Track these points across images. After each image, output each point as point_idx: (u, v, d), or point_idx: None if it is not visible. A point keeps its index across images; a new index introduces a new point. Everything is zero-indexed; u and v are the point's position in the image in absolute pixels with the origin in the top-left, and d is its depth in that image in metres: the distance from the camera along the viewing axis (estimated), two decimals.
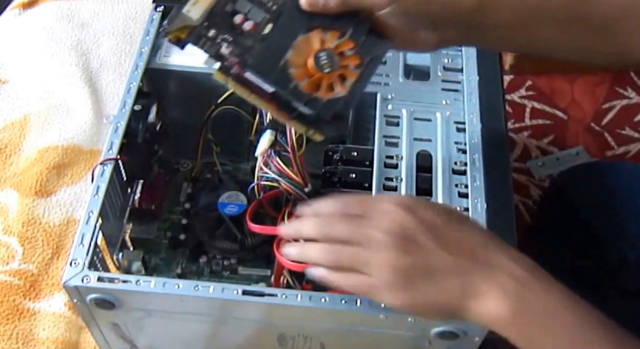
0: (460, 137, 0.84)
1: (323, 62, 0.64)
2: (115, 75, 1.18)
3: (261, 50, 0.64)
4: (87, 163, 1.07)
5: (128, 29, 1.24)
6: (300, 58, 0.64)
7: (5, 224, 1.00)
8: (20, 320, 0.91)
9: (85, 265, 0.69)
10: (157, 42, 0.89)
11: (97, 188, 0.74)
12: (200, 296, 0.68)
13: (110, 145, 0.78)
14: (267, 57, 0.64)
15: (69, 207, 1.02)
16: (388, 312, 0.67)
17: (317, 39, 0.65)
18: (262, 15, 0.66)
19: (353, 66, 0.66)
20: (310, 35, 0.65)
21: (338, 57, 0.65)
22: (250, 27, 0.66)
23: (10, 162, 1.07)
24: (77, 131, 1.10)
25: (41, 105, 1.13)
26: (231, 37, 0.65)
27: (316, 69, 0.64)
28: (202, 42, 0.65)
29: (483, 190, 0.78)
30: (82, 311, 0.72)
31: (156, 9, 0.92)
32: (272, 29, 0.65)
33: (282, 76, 0.64)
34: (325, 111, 0.64)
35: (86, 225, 0.72)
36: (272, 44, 0.65)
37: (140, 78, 0.84)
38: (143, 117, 0.82)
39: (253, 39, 0.65)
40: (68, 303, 0.92)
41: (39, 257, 0.96)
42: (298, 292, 0.68)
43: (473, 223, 0.67)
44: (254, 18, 0.66)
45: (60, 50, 1.20)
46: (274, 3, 0.66)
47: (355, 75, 0.65)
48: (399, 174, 0.81)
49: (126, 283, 0.68)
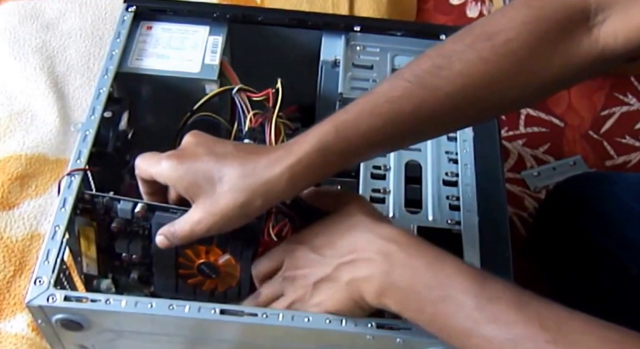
0: (451, 147, 0.85)
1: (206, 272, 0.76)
2: (84, 80, 1.18)
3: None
4: (52, 174, 1.06)
5: (97, 30, 1.24)
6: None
7: None
8: None
9: (50, 283, 0.69)
10: (128, 44, 0.90)
11: (64, 201, 0.74)
12: (175, 315, 0.68)
13: (78, 154, 0.78)
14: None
15: (33, 221, 1.02)
16: (375, 332, 0.68)
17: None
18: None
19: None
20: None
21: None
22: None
23: None
24: (42, 139, 1.09)
25: (2, 111, 1.13)
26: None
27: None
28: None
29: (475, 202, 0.79)
30: (47, 332, 0.72)
31: (127, 9, 0.93)
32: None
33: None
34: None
35: (52, 240, 0.72)
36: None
37: (111, 83, 0.85)
38: (113, 125, 0.82)
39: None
40: (32, 323, 0.91)
41: (0, 275, 0.96)
42: (279, 311, 0.69)
43: (350, 220, 0.71)
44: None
45: (24, 53, 1.19)
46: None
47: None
48: (386, 185, 0.82)
49: (95, 302, 0.68)
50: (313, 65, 0.95)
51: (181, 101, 0.86)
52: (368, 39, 0.95)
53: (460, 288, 0.62)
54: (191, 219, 0.69)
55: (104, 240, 0.76)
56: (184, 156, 0.70)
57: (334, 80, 0.92)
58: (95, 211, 0.74)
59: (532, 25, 0.69)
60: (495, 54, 0.68)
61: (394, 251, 0.66)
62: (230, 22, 0.94)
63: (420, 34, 0.94)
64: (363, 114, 0.68)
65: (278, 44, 0.99)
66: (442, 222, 0.81)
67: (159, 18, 0.94)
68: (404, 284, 0.64)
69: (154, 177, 0.71)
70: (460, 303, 0.62)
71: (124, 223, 0.74)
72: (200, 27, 0.93)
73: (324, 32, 0.95)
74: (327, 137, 0.67)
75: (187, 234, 0.69)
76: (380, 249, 0.66)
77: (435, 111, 0.69)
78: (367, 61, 0.93)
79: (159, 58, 0.89)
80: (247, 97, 0.84)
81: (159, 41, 0.92)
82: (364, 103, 0.69)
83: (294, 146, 0.68)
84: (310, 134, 0.68)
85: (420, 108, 0.68)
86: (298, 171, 0.66)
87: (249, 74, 0.89)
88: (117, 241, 0.76)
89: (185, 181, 0.69)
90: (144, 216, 0.73)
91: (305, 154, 0.67)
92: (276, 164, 0.67)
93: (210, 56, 0.90)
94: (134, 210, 0.73)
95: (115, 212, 0.74)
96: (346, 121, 0.68)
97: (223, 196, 0.67)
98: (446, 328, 0.63)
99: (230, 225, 0.69)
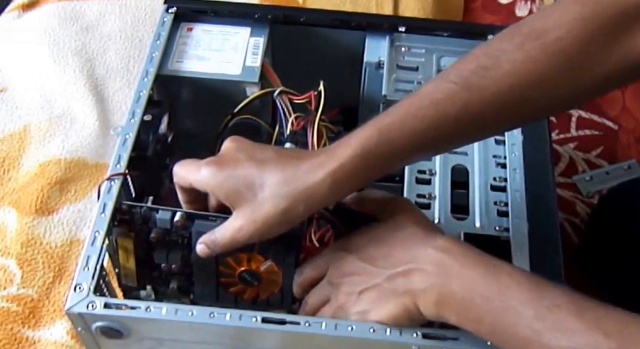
0: (500, 151, 0.83)
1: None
2: (123, 83, 1.19)
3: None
4: (92, 178, 1.07)
5: (137, 32, 1.25)
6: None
7: (2, 245, 1.00)
8: None
9: (90, 290, 0.69)
10: (168, 46, 0.90)
11: (104, 206, 0.74)
12: (216, 324, 0.67)
13: (118, 159, 0.78)
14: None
15: (73, 227, 1.02)
16: (421, 342, 0.67)
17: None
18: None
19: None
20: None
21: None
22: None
23: (8, 177, 1.07)
24: (82, 144, 1.10)
25: (42, 115, 1.14)
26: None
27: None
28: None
29: (525, 208, 0.78)
30: (87, 340, 0.72)
31: (168, 10, 0.93)
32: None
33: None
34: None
35: (92, 247, 0.72)
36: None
37: (151, 86, 0.85)
38: (154, 128, 0.82)
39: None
40: (71, 331, 0.92)
41: (40, 282, 0.96)
42: (323, 320, 0.68)
43: (402, 229, 0.71)
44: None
45: (64, 55, 1.20)
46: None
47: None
48: (432, 190, 0.81)
49: (135, 310, 0.68)
50: (356, 67, 0.94)
51: (222, 103, 0.85)
52: (413, 40, 0.94)
53: (518, 298, 0.61)
54: (233, 226, 0.68)
55: (143, 251, 0.76)
56: (224, 162, 0.69)
57: (377, 83, 0.91)
58: (134, 221, 0.74)
59: (584, 23, 0.67)
60: (545, 54, 0.66)
61: (449, 262, 0.65)
62: (272, 23, 0.94)
63: (467, 35, 0.93)
64: (407, 117, 0.67)
65: (320, 45, 0.98)
66: (490, 229, 0.79)
67: (200, 19, 0.94)
68: (462, 295, 0.63)
69: (194, 185, 0.70)
70: (519, 313, 0.61)
71: (163, 233, 0.74)
72: (241, 28, 0.93)
73: (367, 33, 0.95)
74: (370, 141, 0.66)
75: (228, 242, 0.69)
76: (434, 261, 0.66)
77: (481, 112, 0.67)
78: (412, 63, 0.92)
79: (200, 60, 0.89)
80: (288, 100, 0.83)
81: (199, 43, 0.91)
82: (407, 106, 0.68)
83: (336, 150, 0.67)
84: (353, 138, 0.67)
85: (466, 110, 0.67)
86: (341, 176, 0.66)
87: (291, 76, 0.88)
88: (156, 251, 0.76)
89: (226, 188, 0.68)
90: (184, 225, 0.73)
91: (348, 159, 0.66)
92: (318, 169, 0.66)
93: (252, 58, 0.89)
94: (173, 219, 0.73)
95: (154, 223, 0.74)
96: (390, 125, 0.67)
97: (265, 203, 0.66)
98: (507, 339, 0.62)
99: (273, 232, 0.68)
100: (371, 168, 0.67)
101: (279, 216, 0.66)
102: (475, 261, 0.65)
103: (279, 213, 0.66)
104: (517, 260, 0.75)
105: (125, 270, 0.78)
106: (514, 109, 0.69)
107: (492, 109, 0.67)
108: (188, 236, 0.73)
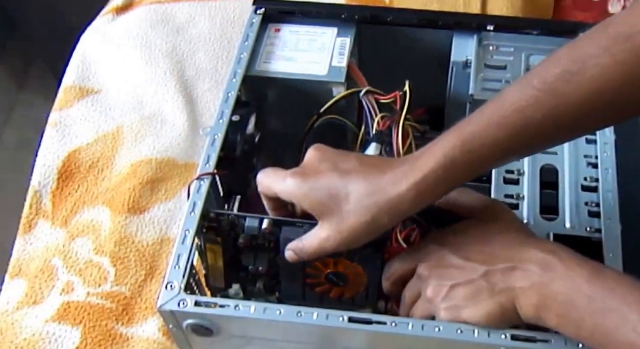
0: (591, 150, 0.82)
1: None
2: (212, 84, 1.20)
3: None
4: (182, 178, 1.08)
5: (226, 33, 1.26)
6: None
7: (97, 243, 1.02)
8: (113, 346, 0.92)
9: (181, 288, 0.70)
10: (256, 47, 0.91)
11: (194, 205, 0.75)
12: (303, 323, 0.68)
13: (207, 159, 0.79)
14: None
15: (163, 226, 1.03)
16: (510, 343, 0.66)
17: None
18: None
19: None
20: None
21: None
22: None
23: (102, 177, 1.09)
24: (172, 144, 1.11)
25: (134, 116, 1.16)
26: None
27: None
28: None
29: (617, 209, 0.76)
30: (178, 337, 0.73)
31: (256, 11, 0.94)
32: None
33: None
34: None
35: (182, 245, 0.73)
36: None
37: (239, 87, 0.86)
38: (242, 129, 0.83)
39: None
40: (162, 328, 0.93)
41: (132, 279, 0.98)
42: (410, 320, 0.67)
43: (499, 229, 0.71)
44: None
45: (155, 57, 1.22)
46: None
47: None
48: (520, 191, 0.80)
49: (224, 308, 0.69)
50: (443, 67, 0.93)
51: (308, 104, 0.86)
52: (502, 38, 0.93)
53: (623, 301, 0.60)
54: (319, 236, 0.69)
55: (230, 255, 0.77)
56: (307, 173, 0.70)
57: (465, 82, 0.90)
58: (221, 228, 0.75)
59: None
60: (636, 56, 0.64)
61: (554, 263, 0.64)
62: (358, 23, 0.94)
63: (557, 33, 0.91)
64: (490, 125, 0.67)
65: (407, 44, 0.97)
66: (580, 230, 0.78)
67: (287, 20, 0.95)
68: (564, 297, 0.63)
69: (278, 195, 0.71)
70: (624, 316, 0.60)
71: (250, 239, 0.75)
72: (328, 28, 0.93)
73: (455, 31, 0.94)
74: (453, 151, 0.66)
75: (315, 251, 0.70)
76: (539, 261, 0.65)
77: (567, 118, 0.66)
78: (500, 62, 0.91)
79: (287, 61, 0.90)
80: (374, 99, 0.83)
81: (286, 44, 0.92)
82: (490, 113, 0.67)
83: (419, 160, 0.67)
84: (436, 148, 0.67)
85: (551, 117, 0.66)
86: (424, 187, 0.66)
87: (377, 75, 0.88)
88: (244, 255, 0.77)
89: (310, 199, 0.69)
90: (271, 231, 0.74)
91: (431, 170, 0.66)
92: (402, 180, 0.66)
93: (338, 58, 0.90)
94: (261, 227, 0.74)
95: (241, 229, 0.75)
96: (472, 133, 0.67)
97: (350, 214, 0.67)
98: (608, 342, 0.61)
99: (359, 242, 0.69)
100: (454, 177, 0.67)
101: (364, 227, 0.67)
102: (580, 264, 0.64)
103: (364, 224, 0.67)
104: (609, 262, 0.73)
105: (214, 272, 0.79)
106: (600, 112, 0.67)
107: (579, 115, 0.66)
108: (275, 240, 0.74)
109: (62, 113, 1.17)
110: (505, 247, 0.68)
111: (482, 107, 0.69)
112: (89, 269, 0.99)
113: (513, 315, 0.65)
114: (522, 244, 0.68)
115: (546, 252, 0.65)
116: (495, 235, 0.70)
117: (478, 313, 0.66)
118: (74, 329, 0.94)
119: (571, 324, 0.63)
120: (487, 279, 0.66)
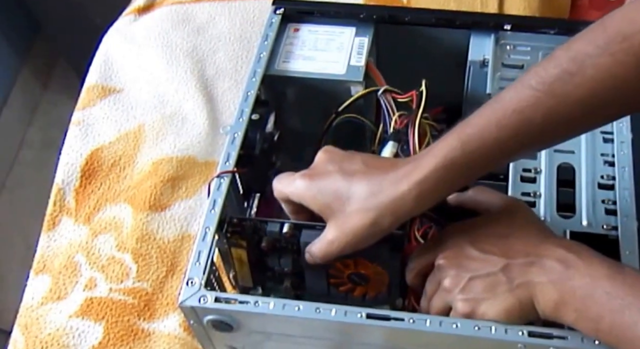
0: (607, 149, 0.82)
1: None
2: (232, 83, 1.21)
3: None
4: (202, 176, 1.09)
5: (245, 33, 1.27)
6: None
7: (119, 240, 1.03)
8: (135, 341, 0.94)
9: (202, 284, 0.71)
10: (275, 47, 0.91)
11: (214, 202, 0.76)
12: (321, 319, 0.68)
13: (227, 157, 0.80)
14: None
15: (184, 222, 1.04)
16: (527, 340, 0.66)
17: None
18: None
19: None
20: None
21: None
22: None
23: (124, 175, 1.10)
24: (192, 142, 1.12)
25: (156, 115, 1.17)
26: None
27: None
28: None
29: (634, 207, 0.76)
30: (199, 332, 0.74)
31: (276, 11, 0.94)
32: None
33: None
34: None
35: (202, 242, 0.73)
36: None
37: (258, 85, 0.86)
38: (261, 127, 0.84)
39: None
40: (183, 323, 0.94)
41: (153, 275, 0.99)
42: (427, 317, 0.68)
43: (518, 225, 0.71)
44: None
45: (175, 57, 1.23)
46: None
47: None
48: (537, 189, 0.80)
49: (244, 304, 0.69)
50: (460, 65, 0.94)
51: (326, 102, 0.86)
52: (519, 37, 0.93)
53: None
54: (325, 239, 0.70)
55: (255, 257, 0.78)
56: (315, 174, 0.71)
57: (481, 81, 0.90)
58: (245, 232, 0.76)
59: None
60: (634, 56, 0.64)
61: (574, 259, 0.65)
62: (376, 23, 0.94)
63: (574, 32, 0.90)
64: (489, 126, 0.67)
65: (424, 43, 0.98)
66: (597, 228, 0.78)
67: (306, 20, 0.95)
68: (583, 293, 0.63)
69: (290, 197, 0.72)
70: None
71: (273, 241, 0.75)
72: (346, 28, 0.94)
73: (472, 31, 0.94)
74: (453, 153, 0.66)
75: (323, 254, 0.70)
76: (559, 257, 0.65)
77: (567, 118, 0.66)
78: (517, 61, 0.91)
79: (305, 60, 0.90)
80: (392, 98, 0.84)
81: (305, 43, 0.92)
82: (489, 115, 0.67)
83: (420, 160, 0.67)
84: (437, 149, 0.67)
85: (550, 117, 0.66)
86: (425, 188, 0.66)
87: (395, 74, 0.88)
88: (268, 257, 0.78)
89: (318, 200, 0.70)
90: (292, 234, 0.74)
91: (432, 170, 0.66)
92: (403, 180, 0.66)
93: (356, 57, 0.90)
94: (282, 231, 0.74)
95: (263, 232, 0.75)
96: (472, 135, 0.67)
97: (352, 215, 0.67)
98: (625, 338, 0.61)
99: (364, 243, 0.69)
100: (455, 178, 0.67)
101: (366, 228, 0.67)
102: (599, 261, 0.64)
103: (367, 225, 0.67)
104: (625, 259, 0.73)
105: (241, 273, 0.80)
106: (600, 111, 0.67)
107: (578, 114, 0.66)
108: (296, 242, 0.75)
109: (85, 112, 1.18)
110: (524, 243, 0.68)
111: (482, 107, 0.69)
112: (111, 265, 1.00)
113: (530, 310, 0.66)
114: (541, 240, 0.68)
115: (565, 249, 0.66)
116: (514, 230, 0.70)
117: (496, 307, 0.66)
118: (97, 325, 0.95)
119: (589, 320, 0.63)
120: (505, 272, 0.67)
